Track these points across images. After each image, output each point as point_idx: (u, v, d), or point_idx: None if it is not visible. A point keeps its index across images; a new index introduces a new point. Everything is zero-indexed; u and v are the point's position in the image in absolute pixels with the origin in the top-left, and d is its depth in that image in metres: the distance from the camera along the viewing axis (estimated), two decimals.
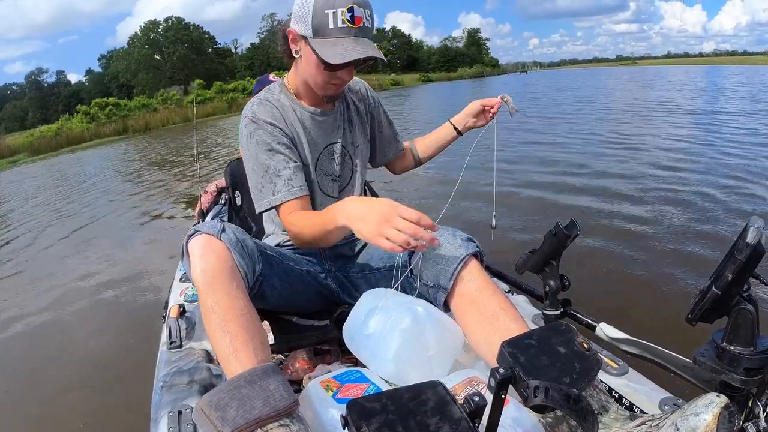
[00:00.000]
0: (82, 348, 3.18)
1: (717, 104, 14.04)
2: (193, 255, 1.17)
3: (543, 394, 0.71)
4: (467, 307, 1.23)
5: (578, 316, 1.41)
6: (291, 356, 1.52)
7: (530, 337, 0.82)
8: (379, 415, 0.66)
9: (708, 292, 0.86)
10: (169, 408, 1.14)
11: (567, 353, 0.81)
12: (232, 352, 1.04)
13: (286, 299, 1.45)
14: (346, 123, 1.56)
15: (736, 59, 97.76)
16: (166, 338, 1.49)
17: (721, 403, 0.79)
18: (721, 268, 0.85)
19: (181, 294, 1.80)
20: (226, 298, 1.11)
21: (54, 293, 4.24)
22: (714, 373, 0.90)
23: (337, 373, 1.22)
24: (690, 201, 4.81)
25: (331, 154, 1.53)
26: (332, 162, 1.53)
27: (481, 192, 5.18)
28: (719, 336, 0.90)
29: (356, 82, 1.63)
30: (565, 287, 1.37)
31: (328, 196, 1.53)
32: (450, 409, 0.68)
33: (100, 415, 2.38)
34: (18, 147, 24.65)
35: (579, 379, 0.79)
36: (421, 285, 1.31)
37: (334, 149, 1.53)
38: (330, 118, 1.52)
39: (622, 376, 1.23)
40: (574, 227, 1.27)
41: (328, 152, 1.52)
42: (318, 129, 1.50)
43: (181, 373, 1.29)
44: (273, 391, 0.96)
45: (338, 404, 1.09)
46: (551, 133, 10.11)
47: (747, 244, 0.80)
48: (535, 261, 1.36)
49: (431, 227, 1.08)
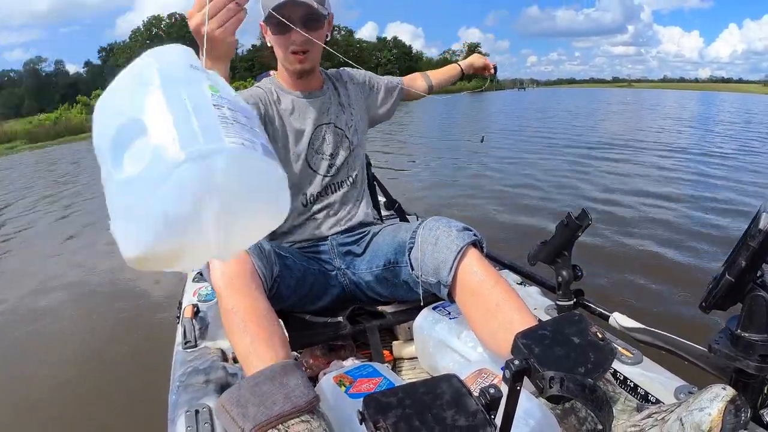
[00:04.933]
0: (87, 347, 3.18)
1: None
2: (212, 260, 1.19)
3: (558, 384, 0.71)
4: (469, 300, 1.23)
5: (591, 306, 1.41)
6: (305, 352, 1.52)
7: (544, 328, 0.82)
8: (395, 409, 0.66)
9: (722, 279, 0.86)
10: (186, 407, 1.14)
11: (581, 343, 0.81)
12: (253, 351, 1.06)
13: (301, 299, 1.47)
14: (336, 105, 1.61)
15: (731, 87, 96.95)
16: (181, 338, 1.49)
17: (727, 397, 0.78)
18: (734, 254, 0.85)
19: (194, 294, 1.80)
20: (245, 300, 1.13)
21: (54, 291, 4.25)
22: (729, 360, 0.89)
23: (350, 368, 1.23)
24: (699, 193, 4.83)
25: (323, 133, 1.57)
26: (324, 141, 1.57)
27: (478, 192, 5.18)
28: (733, 323, 0.89)
29: (341, 70, 1.73)
30: (577, 277, 1.36)
31: (318, 174, 1.57)
32: (466, 402, 0.68)
33: (113, 417, 2.40)
34: (15, 134, 24.73)
35: (594, 369, 0.78)
36: (423, 282, 1.33)
37: (326, 129, 1.57)
38: (318, 100, 1.57)
39: (636, 365, 1.22)
40: (586, 217, 1.26)
41: (320, 131, 1.57)
42: (307, 110, 1.56)
43: (197, 372, 1.29)
44: (293, 387, 0.97)
45: (351, 399, 1.10)
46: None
47: (760, 230, 0.80)
48: (547, 252, 1.36)
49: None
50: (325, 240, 1.57)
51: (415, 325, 1.47)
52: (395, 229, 1.52)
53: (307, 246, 1.58)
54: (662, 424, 0.84)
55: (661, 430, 0.84)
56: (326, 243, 1.57)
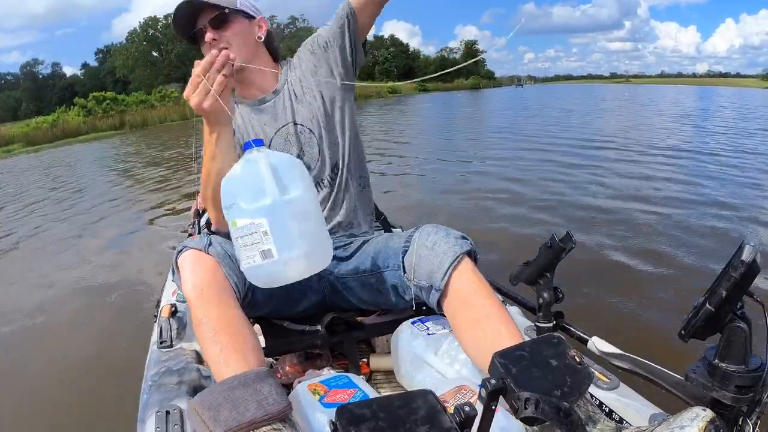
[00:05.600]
0: (69, 346, 3.15)
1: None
2: (183, 270, 1.21)
3: (534, 406, 0.71)
4: (459, 308, 1.22)
5: (571, 329, 1.41)
6: (281, 359, 1.51)
7: (522, 349, 0.82)
8: (369, 421, 0.66)
9: (702, 308, 0.86)
10: (157, 408, 1.13)
11: (559, 366, 0.81)
12: (223, 361, 1.06)
13: (278, 305, 1.46)
14: (292, 101, 1.54)
15: (729, 81, 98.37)
16: (157, 337, 1.48)
17: (707, 417, 0.79)
18: (715, 284, 0.85)
19: (173, 294, 1.78)
20: (216, 310, 1.13)
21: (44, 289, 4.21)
22: (705, 389, 0.89)
23: (325, 378, 1.22)
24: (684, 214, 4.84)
25: (286, 137, 1.53)
26: (288, 143, 1.52)
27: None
28: (711, 353, 0.89)
29: (294, 59, 1.62)
30: (558, 299, 1.36)
31: None
32: (440, 419, 0.68)
33: (85, 415, 2.36)
34: (13, 137, 24.54)
35: (570, 392, 0.79)
36: (415, 286, 1.31)
37: (288, 131, 1.53)
38: (270, 104, 1.54)
39: (612, 390, 1.22)
40: (570, 240, 1.27)
41: (281, 136, 1.53)
42: (263, 117, 1.53)
43: (170, 372, 1.28)
44: (266, 394, 0.96)
45: (325, 408, 1.09)
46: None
47: (742, 261, 0.80)
48: (530, 273, 1.36)
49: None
50: None
51: (393, 339, 1.46)
52: (387, 237, 1.51)
53: None
54: None
55: None
56: None
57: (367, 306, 1.55)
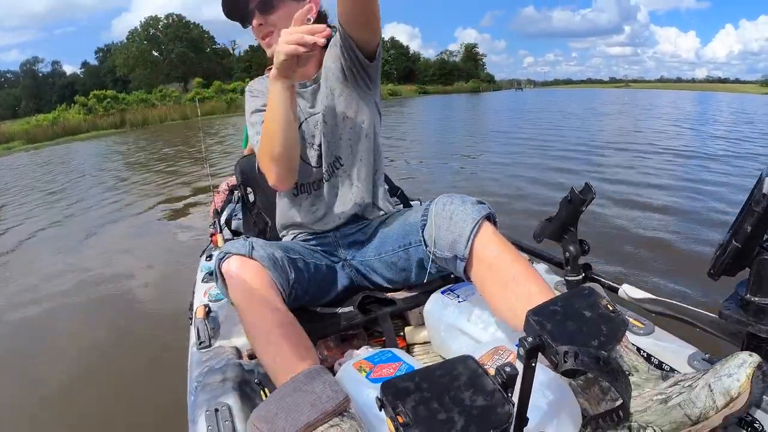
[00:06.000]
0: (95, 351, 3.16)
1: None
2: (229, 277, 1.22)
3: (573, 358, 0.72)
4: (486, 274, 1.21)
5: (600, 279, 1.40)
6: (318, 345, 1.53)
7: (555, 304, 0.82)
8: (413, 393, 0.67)
9: (728, 245, 0.86)
10: (206, 407, 1.15)
11: (592, 316, 0.82)
12: (279, 363, 1.09)
13: (312, 295, 1.49)
14: (328, 93, 1.49)
15: (728, 87, 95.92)
16: (195, 339, 1.50)
17: (754, 363, 0.79)
18: (739, 220, 0.85)
19: (205, 294, 1.81)
20: (267, 313, 1.16)
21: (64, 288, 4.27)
22: (740, 325, 0.90)
23: (369, 354, 1.24)
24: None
25: (315, 124, 1.51)
26: (314, 131, 1.52)
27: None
28: (743, 288, 0.90)
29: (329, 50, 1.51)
30: (585, 252, 1.36)
31: (307, 164, 1.53)
32: (483, 382, 0.69)
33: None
34: (13, 134, 24.74)
35: (607, 341, 0.79)
36: (438, 258, 1.31)
37: (316, 120, 1.51)
38: (308, 90, 1.52)
39: (649, 335, 1.23)
40: (589, 191, 1.26)
41: (310, 123, 1.52)
42: (300, 101, 1.52)
43: (213, 372, 1.30)
44: (319, 393, 0.98)
45: (373, 384, 1.11)
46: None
47: (764, 195, 0.80)
48: (553, 228, 1.35)
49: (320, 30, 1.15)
50: (328, 233, 1.56)
51: (425, 310, 1.47)
52: (404, 213, 1.51)
53: (312, 238, 1.58)
54: (690, 390, 0.85)
55: (689, 396, 0.84)
56: (329, 235, 1.56)
57: (395, 284, 1.56)
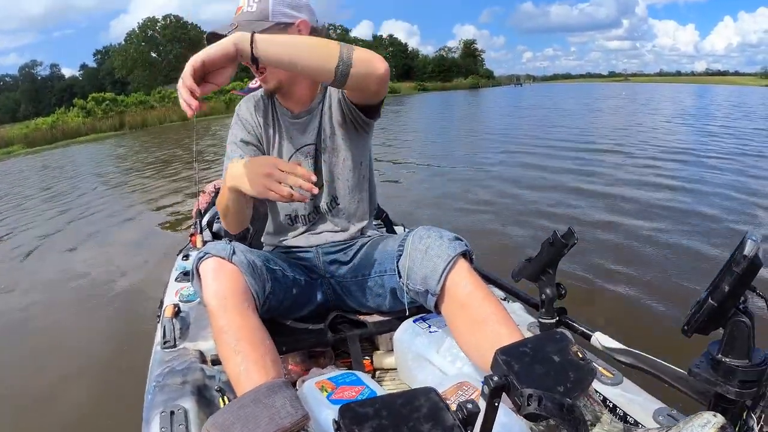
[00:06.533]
0: (73, 346, 3.17)
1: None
2: (205, 277, 1.20)
3: (536, 402, 0.71)
4: (457, 311, 1.21)
5: (574, 324, 1.40)
6: (283, 359, 1.51)
7: (525, 345, 0.81)
8: (372, 420, 0.66)
9: (704, 303, 0.85)
10: (161, 408, 1.13)
11: (561, 362, 0.81)
12: (243, 371, 1.07)
13: (286, 308, 1.47)
14: (325, 125, 1.47)
15: (727, 79, 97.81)
16: (161, 338, 1.48)
17: (718, 424, 0.78)
18: (718, 280, 0.85)
19: (176, 294, 1.79)
20: (238, 319, 1.13)
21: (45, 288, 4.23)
22: (709, 384, 0.89)
23: (333, 375, 1.23)
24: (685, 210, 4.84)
25: (305, 156, 1.49)
26: (306, 161, 1.49)
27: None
28: (715, 348, 0.89)
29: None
30: (561, 296, 1.36)
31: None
32: (443, 416, 0.68)
33: (90, 415, 2.37)
34: (12, 138, 24.49)
35: (573, 388, 0.78)
36: (411, 290, 1.31)
37: (307, 151, 1.49)
38: (303, 120, 1.48)
39: (616, 385, 1.22)
40: (572, 236, 1.26)
41: (301, 153, 1.50)
42: (292, 129, 1.50)
43: (174, 373, 1.28)
44: (279, 408, 0.96)
45: (333, 405, 1.10)
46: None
47: (744, 256, 0.80)
48: (532, 269, 1.35)
49: (307, 177, 1.11)
50: (311, 249, 1.55)
51: (395, 337, 1.46)
52: (384, 239, 1.51)
53: (294, 251, 1.56)
54: None
55: None
56: (312, 251, 1.55)
57: (367, 309, 1.55)
